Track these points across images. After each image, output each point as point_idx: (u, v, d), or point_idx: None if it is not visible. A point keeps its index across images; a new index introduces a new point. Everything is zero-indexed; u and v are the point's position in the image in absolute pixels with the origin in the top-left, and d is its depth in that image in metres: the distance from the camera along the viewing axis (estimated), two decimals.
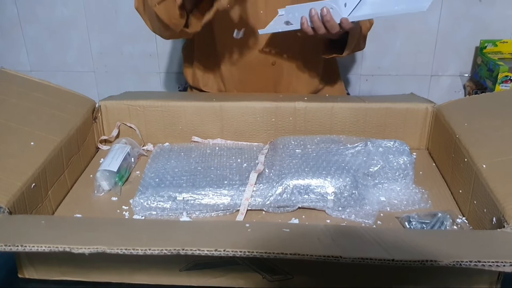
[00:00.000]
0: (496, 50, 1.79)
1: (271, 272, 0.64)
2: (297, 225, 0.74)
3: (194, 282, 0.66)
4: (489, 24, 1.79)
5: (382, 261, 0.53)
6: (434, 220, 0.76)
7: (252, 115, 1.00)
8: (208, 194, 0.81)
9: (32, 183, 0.74)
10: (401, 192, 0.85)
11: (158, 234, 0.63)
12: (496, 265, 0.52)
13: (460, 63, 1.88)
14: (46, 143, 0.82)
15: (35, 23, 1.91)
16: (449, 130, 0.88)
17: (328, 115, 1.00)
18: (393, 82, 1.92)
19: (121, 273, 0.66)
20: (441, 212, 0.77)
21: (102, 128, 1.03)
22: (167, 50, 1.91)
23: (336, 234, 0.61)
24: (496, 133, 0.81)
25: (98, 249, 0.56)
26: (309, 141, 0.93)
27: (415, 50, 1.85)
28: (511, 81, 1.65)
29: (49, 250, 0.56)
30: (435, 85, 1.92)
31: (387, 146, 0.88)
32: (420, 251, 0.55)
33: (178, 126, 1.02)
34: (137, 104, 1.01)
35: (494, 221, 0.68)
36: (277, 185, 0.81)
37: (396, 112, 0.99)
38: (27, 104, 0.88)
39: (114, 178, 0.87)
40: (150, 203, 0.80)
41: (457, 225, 0.76)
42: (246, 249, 0.54)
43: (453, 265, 0.53)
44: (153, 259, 0.57)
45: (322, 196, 0.80)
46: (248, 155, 0.94)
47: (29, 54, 1.98)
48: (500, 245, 0.60)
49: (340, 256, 0.54)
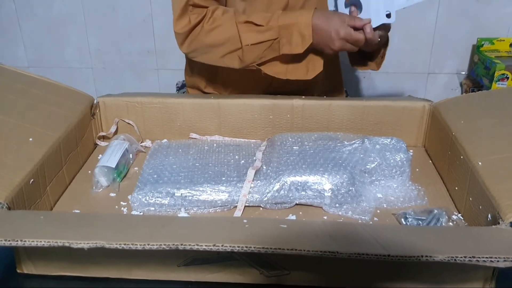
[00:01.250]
0: (493, 48, 1.80)
1: (268, 268, 0.64)
2: (295, 221, 0.75)
3: (192, 277, 0.66)
4: (486, 22, 1.80)
5: (378, 257, 0.54)
6: (430, 217, 0.77)
7: (250, 112, 1.01)
8: (206, 190, 0.81)
9: (30, 178, 0.75)
10: (398, 189, 0.85)
11: (157, 229, 0.63)
12: (490, 260, 0.53)
13: (457, 61, 1.89)
14: (44, 139, 0.82)
15: (33, 19, 1.91)
16: (445, 127, 0.89)
17: (325, 112, 1.00)
18: (390, 79, 1.93)
19: (119, 269, 0.67)
20: (437, 209, 0.78)
21: (100, 124, 1.04)
22: (165, 47, 1.91)
23: (333, 230, 0.62)
24: (492, 130, 0.82)
25: (97, 244, 0.56)
26: (307, 138, 0.93)
27: (412, 48, 1.86)
28: (507, 79, 1.66)
29: (48, 245, 0.56)
30: (432, 83, 1.92)
31: (384, 143, 0.88)
32: (416, 247, 0.56)
33: (176, 123, 1.02)
34: (135, 101, 1.01)
35: (489, 218, 0.68)
36: (275, 181, 0.81)
37: (393, 109, 1.00)
38: (25, 101, 0.88)
39: (112, 174, 0.87)
40: (148, 199, 0.80)
41: (452, 221, 0.77)
42: (244, 244, 0.55)
43: (448, 260, 0.54)
44: (152, 254, 0.58)
45: (319, 193, 0.81)
46: (246, 151, 0.94)
47: (27, 51, 1.98)
48: (494, 241, 0.61)
49: (336, 252, 0.54)
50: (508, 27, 1.81)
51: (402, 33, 1.82)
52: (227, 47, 0.98)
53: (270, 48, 0.96)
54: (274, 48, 0.96)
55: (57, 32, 1.92)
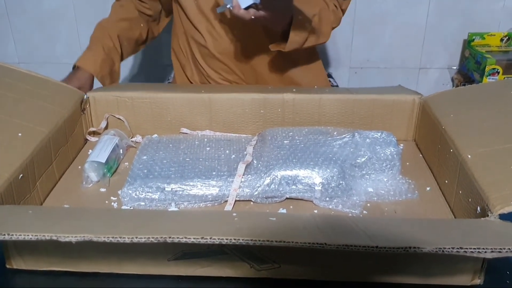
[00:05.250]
0: (484, 43, 1.80)
1: (259, 261, 0.65)
2: (284, 215, 0.75)
3: (182, 271, 0.66)
4: (477, 17, 1.80)
5: (366, 248, 0.54)
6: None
7: (240, 107, 1.01)
8: (196, 185, 0.81)
9: (20, 174, 0.74)
10: (388, 182, 0.86)
11: (146, 223, 0.63)
12: (478, 251, 0.53)
13: (448, 56, 1.89)
14: (34, 134, 0.82)
15: (22, 15, 1.90)
16: (435, 121, 0.89)
17: (316, 106, 1.00)
18: (382, 74, 1.93)
19: (109, 263, 0.67)
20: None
21: (90, 119, 1.03)
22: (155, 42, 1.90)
23: (322, 223, 0.62)
24: (481, 124, 0.82)
25: (85, 237, 0.56)
26: (297, 133, 0.93)
27: (403, 43, 1.86)
28: (498, 74, 1.67)
29: (36, 238, 0.56)
30: (424, 78, 1.93)
31: (374, 137, 0.88)
32: (404, 239, 0.56)
33: (166, 118, 1.02)
34: (126, 96, 1.01)
35: (478, 211, 0.69)
36: (265, 176, 0.82)
37: (383, 103, 1.00)
38: (13, 95, 0.88)
39: (103, 169, 0.87)
40: (139, 193, 0.80)
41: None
42: (233, 237, 0.55)
43: (436, 251, 0.54)
44: (141, 248, 0.58)
45: (309, 187, 0.81)
46: (237, 146, 0.94)
47: (17, 46, 1.97)
48: (483, 233, 0.61)
49: (324, 243, 0.54)
50: (499, 22, 1.82)
51: (394, 28, 1.83)
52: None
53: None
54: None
55: (47, 28, 1.91)
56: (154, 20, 1.30)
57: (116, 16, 1.23)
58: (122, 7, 1.25)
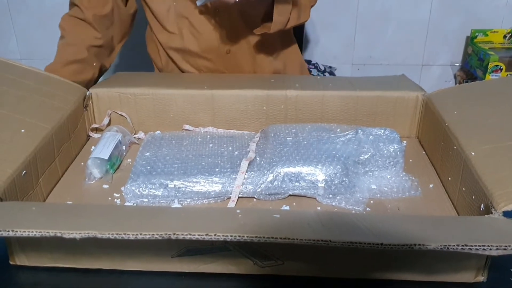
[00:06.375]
0: (487, 40, 1.80)
1: (262, 258, 0.64)
2: (288, 212, 0.75)
3: (185, 268, 0.66)
4: (480, 14, 1.80)
5: (371, 245, 0.54)
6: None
7: (243, 103, 1.01)
8: (199, 182, 0.81)
9: (23, 170, 0.74)
10: (391, 179, 0.86)
11: (150, 219, 0.63)
12: (483, 249, 0.53)
13: (451, 53, 1.89)
14: (37, 131, 0.82)
15: (24, 11, 1.89)
16: (438, 118, 0.89)
17: (319, 103, 1.00)
18: (384, 71, 1.93)
19: (112, 260, 0.67)
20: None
21: (93, 116, 1.03)
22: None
23: (326, 220, 0.62)
24: (485, 121, 0.82)
25: (89, 234, 0.56)
26: (300, 129, 0.93)
27: (406, 40, 1.86)
28: (501, 71, 1.66)
29: (40, 235, 0.56)
30: (426, 74, 1.93)
31: (377, 134, 0.88)
32: (409, 236, 0.56)
33: (169, 114, 1.02)
34: (128, 92, 1.01)
35: (482, 208, 0.69)
36: (268, 172, 0.81)
37: (386, 100, 1.00)
38: (17, 92, 0.88)
39: (105, 166, 0.87)
40: (142, 190, 0.80)
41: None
42: (237, 234, 0.55)
43: (441, 249, 0.54)
44: (145, 245, 0.58)
45: (312, 184, 0.81)
46: (240, 143, 0.94)
47: (19, 43, 1.97)
48: (487, 230, 0.61)
49: (329, 240, 0.54)
50: (502, 19, 1.81)
51: (396, 25, 1.82)
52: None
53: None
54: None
55: (49, 25, 1.90)
56: (105, 50, 1.14)
57: (63, 59, 1.07)
58: (69, 46, 1.10)
